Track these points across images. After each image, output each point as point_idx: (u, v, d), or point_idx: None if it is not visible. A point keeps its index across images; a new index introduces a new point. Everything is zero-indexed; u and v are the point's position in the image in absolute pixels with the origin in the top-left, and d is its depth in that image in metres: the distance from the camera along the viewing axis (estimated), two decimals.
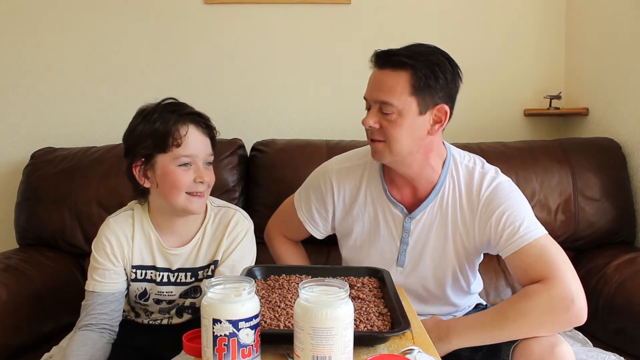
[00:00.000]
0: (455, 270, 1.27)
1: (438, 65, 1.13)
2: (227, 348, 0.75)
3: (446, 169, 1.23)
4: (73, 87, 2.03)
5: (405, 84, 1.11)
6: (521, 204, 1.19)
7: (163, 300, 1.28)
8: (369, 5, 2.03)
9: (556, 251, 1.11)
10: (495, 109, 2.08)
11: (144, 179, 1.20)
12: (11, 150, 2.03)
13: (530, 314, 1.03)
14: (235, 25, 2.04)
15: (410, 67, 1.11)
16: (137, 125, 1.19)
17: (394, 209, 1.26)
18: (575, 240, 1.74)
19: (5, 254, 1.67)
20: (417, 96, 1.12)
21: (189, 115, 1.20)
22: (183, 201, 1.18)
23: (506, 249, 1.14)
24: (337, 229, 1.37)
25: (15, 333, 1.42)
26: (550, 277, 1.06)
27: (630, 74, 1.77)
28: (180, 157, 1.16)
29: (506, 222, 1.15)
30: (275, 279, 1.11)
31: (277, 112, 2.07)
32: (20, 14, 2.00)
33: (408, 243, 1.26)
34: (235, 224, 1.27)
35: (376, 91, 1.14)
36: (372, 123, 1.15)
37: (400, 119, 1.12)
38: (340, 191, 1.31)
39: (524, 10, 2.07)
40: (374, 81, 1.17)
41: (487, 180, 1.20)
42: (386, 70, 1.14)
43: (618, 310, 1.46)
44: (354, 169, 1.31)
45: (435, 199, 1.23)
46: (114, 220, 1.26)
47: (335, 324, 0.74)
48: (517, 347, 1.03)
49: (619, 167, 1.77)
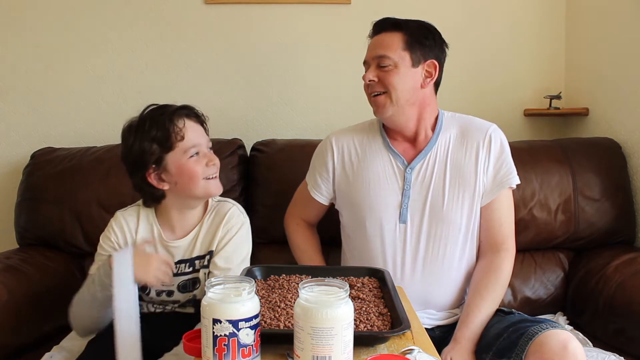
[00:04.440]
0: (455, 226, 1.32)
1: (427, 28, 1.35)
2: (227, 348, 0.75)
3: (440, 122, 1.38)
4: (73, 87, 2.03)
5: (399, 41, 1.30)
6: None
7: (163, 291, 1.32)
8: (369, 5, 2.03)
9: (512, 215, 1.37)
10: (495, 109, 2.08)
11: (161, 183, 1.25)
12: (11, 150, 2.03)
13: (503, 287, 1.31)
14: (235, 25, 2.04)
15: (403, 28, 1.32)
16: (133, 142, 1.23)
17: (395, 160, 1.36)
18: (575, 240, 1.74)
19: (5, 254, 1.66)
20: (410, 51, 1.30)
21: (177, 111, 1.25)
22: (203, 188, 1.25)
23: (493, 189, 1.33)
24: (338, 189, 1.43)
25: (15, 333, 1.42)
26: (507, 248, 1.33)
27: (630, 74, 1.77)
28: (188, 149, 1.23)
29: (503, 162, 1.34)
30: (275, 279, 1.12)
31: (277, 112, 2.07)
32: (20, 14, 2.00)
33: (409, 196, 1.33)
34: (231, 217, 1.32)
35: (375, 49, 1.33)
36: (371, 76, 1.31)
37: (396, 69, 1.29)
38: (339, 149, 1.42)
39: (524, 11, 2.07)
40: (372, 44, 1.36)
41: (485, 124, 1.38)
42: (382, 33, 1.34)
43: (618, 310, 1.46)
44: (353, 130, 1.45)
45: (433, 148, 1.35)
46: (122, 213, 1.34)
47: (335, 324, 0.74)
48: (533, 343, 1.06)
49: (619, 167, 1.77)
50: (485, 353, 1.17)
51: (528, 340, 1.07)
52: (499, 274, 1.30)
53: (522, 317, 1.22)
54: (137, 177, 1.26)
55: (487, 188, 1.33)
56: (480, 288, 1.28)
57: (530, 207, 1.70)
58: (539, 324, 1.10)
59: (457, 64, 2.06)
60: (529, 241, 1.72)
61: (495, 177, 1.33)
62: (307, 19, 2.04)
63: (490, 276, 1.29)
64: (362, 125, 1.46)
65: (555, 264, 1.75)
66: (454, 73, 2.05)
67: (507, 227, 1.35)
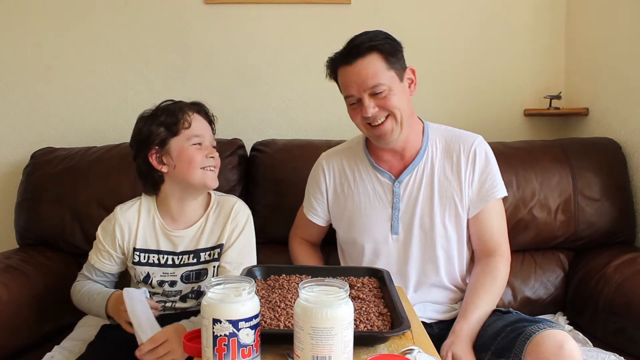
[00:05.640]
0: (445, 236, 1.34)
1: (389, 38, 1.29)
2: (227, 348, 0.75)
3: (426, 134, 1.38)
4: (73, 87, 2.03)
5: (380, 62, 1.25)
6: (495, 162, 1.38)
7: (166, 281, 1.34)
8: (369, 5, 2.03)
9: (504, 222, 1.38)
10: (495, 109, 2.08)
11: (160, 165, 1.31)
12: (11, 150, 2.03)
13: (501, 289, 1.32)
14: (235, 25, 2.03)
15: (375, 48, 1.25)
16: (143, 126, 1.32)
17: (382, 177, 1.38)
18: (575, 240, 1.74)
19: (5, 254, 1.66)
20: (393, 68, 1.27)
21: (190, 105, 1.35)
22: (200, 176, 1.30)
23: (479, 202, 1.33)
24: (332, 210, 1.45)
25: (15, 333, 1.42)
26: (501, 253, 1.34)
27: (630, 74, 1.77)
28: (192, 137, 1.30)
29: (487, 176, 1.34)
30: (275, 279, 1.12)
31: (277, 112, 2.07)
32: (20, 14, 2.00)
33: (399, 208, 1.35)
34: (238, 211, 1.38)
35: (361, 82, 1.25)
36: (372, 109, 1.26)
37: (392, 91, 1.26)
38: (330, 171, 1.44)
39: (524, 11, 2.07)
40: (352, 76, 1.27)
41: (471, 137, 1.37)
42: (357, 61, 1.25)
43: (618, 310, 1.46)
44: (341, 152, 1.47)
45: (420, 161, 1.36)
46: (121, 208, 1.38)
47: (335, 324, 0.74)
48: (530, 343, 1.07)
49: (619, 167, 1.77)
50: (484, 352, 1.17)
51: (525, 340, 1.07)
52: (495, 274, 1.31)
53: (519, 316, 1.22)
54: (140, 157, 1.32)
55: (473, 200, 1.34)
56: (477, 287, 1.30)
57: (530, 207, 1.70)
58: (537, 323, 1.11)
59: (457, 64, 2.06)
60: (529, 241, 1.72)
61: (480, 190, 1.34)
62: (307, 19, 2.04)
63: (487, 276, 1.31)
64: (349, 144, 1.48)
65: (555, 264, 1.75)
66: (454, 73, 2.06)
67: (498, 234, 1.36)
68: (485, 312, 1.26)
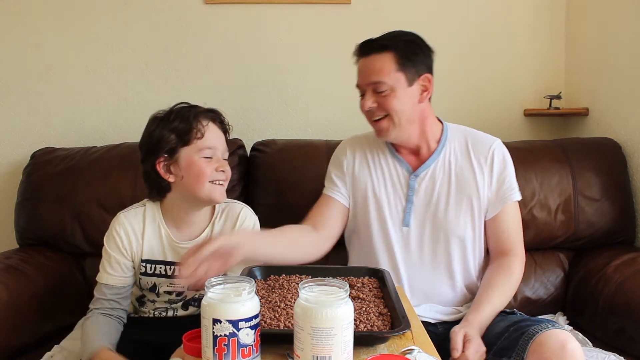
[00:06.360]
0: (458, 234, 1.34)
1: (413, 42, 1.32)
2: (227, 348, 0.75)
3: (445, 134, 1.39)
4: (73, 87, 2.03)
5: (391, 62, 1.28)
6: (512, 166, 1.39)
7: (174, 291, 1.32)
8: (369, 5, 2.03)
9: (520, 224, 1.39)
10: (495, 109, 2.08)
11: (168, 174, 1.25)
12: (11, 150, 2.03)
13: (514, 288, 1.32)
14: (235, 25, 2.03)
15: (392, 48, 1.28)
16: (155, 129, 1.26)
17: (400, 168, 1.39)
18: (575, 240, 1.74)
19: (5, 254, 1.66)
20: (403, 71, 1.28)
21: (205, 112, 1.28)
22: (208, 190, 1.25)
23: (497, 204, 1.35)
24: (350, 190, 1.44)
25: (15, 333, 1.42)
26: (517, 254, 1.35)
27: (630, 74, 1.77)
28: (203, 149, 1.24)
29: (505, 178, 1.35)
30: (275, 279, 1.12)
31: (277, 112, 2.07)
32: (20, 14, 2.00)
33: (413, 202, 1.36)
34: (245, 218, 1.33)
35: (368, 75, 1.30)
36: (370, 104, 1.30)
37: (394, 92, 1.28)
38: (352, 154, 1.44)
39: (524, 11, 2.07)
40: (363, 68, 1.33)
41: (489, 139, 1.39)
42: (371, 55, 1.30)
43: (618, 310, 1.46)
44: (364, 139, 1.47)
45: (438, 158, 1.37)
46: (125, 215, 1.31)
47: (335, 324, 0.74)
48: (533, 342, 1.07)
49: (619, 167, 1.77)
50: (487, 351, 1.17)
51: (528, 340, 1.08)
52: (509, 272, 1.31)
53: (523, 317, 1.23)
54: (148, 163, 1.27)
55: (491, 202, 1.35)
56: (491, 283, 1.30)
57: (530, 207, 1.70)
58: (539, 323, 1.11)
59: (458, 64, 2.06)
60: (529, 241, 1.70)
61: (498, 193, 1.35)
62: (307, 19, 2.04)
63: (501, 274, 1.31)
64: (372, 134, 1.45)
65: (555, 264, 1.75)
66: (454, 73, 2.06)
67: (514, 236, 1.37)
68: (497, 308, 1.26)
